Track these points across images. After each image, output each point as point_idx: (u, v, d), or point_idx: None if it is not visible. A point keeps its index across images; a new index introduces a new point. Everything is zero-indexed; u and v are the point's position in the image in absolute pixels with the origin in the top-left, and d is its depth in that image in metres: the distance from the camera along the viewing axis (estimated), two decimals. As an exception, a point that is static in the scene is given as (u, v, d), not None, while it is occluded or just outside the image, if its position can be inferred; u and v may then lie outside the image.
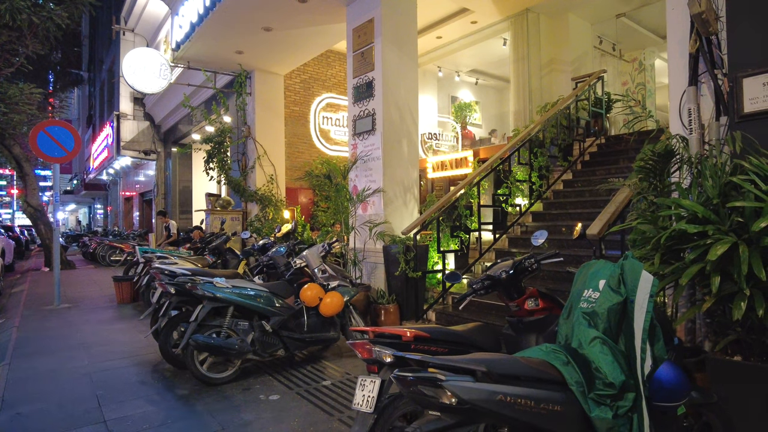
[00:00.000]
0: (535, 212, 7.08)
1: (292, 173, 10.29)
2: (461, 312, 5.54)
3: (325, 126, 10.96)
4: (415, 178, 6.47)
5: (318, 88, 10.89)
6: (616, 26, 10.32)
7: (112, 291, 8.56)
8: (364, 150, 6.34)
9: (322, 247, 4.73)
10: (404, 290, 5.63)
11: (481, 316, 5.27)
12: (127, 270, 8.82)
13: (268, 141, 9.54)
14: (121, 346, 5.27)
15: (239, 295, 4.07)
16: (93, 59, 27.06)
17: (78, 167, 29.55)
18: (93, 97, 26.53)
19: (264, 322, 4.13)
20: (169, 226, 10.17)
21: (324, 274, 4.62)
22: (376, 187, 6.12)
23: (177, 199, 15.75)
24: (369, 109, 6.33)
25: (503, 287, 2.98)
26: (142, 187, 19.68)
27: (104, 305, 7.92)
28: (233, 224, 9.45)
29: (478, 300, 5.56)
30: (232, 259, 7.82)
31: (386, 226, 6.00)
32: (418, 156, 6.58)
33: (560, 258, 2.97)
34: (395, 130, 6.25)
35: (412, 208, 6.40)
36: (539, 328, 2.94)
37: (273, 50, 8.63)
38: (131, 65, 8.27)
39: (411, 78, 6.49)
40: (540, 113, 8.02)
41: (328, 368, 4.42)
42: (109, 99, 19.40)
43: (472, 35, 10.21)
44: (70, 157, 8.12)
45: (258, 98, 9.49)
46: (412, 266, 5.53)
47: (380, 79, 6.17)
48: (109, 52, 20.06)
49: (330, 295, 4.42)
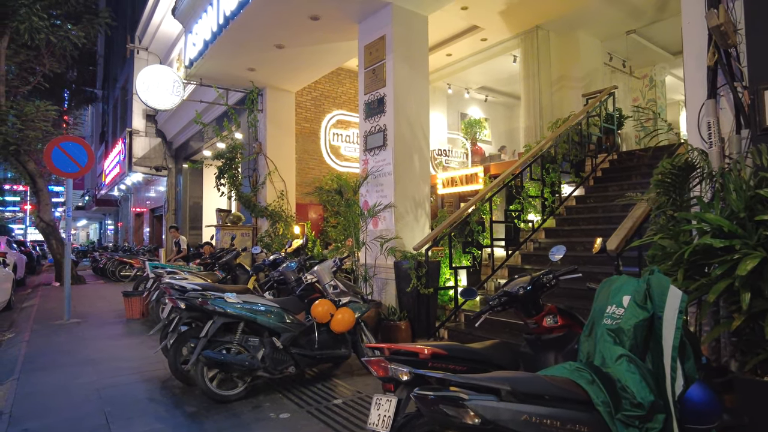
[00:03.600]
0: (547, 228, 7.00)
1: (302, 189, 10.30)
2: (474, 329, 5.44)
3: (335, 142, 11.00)
4: (427, 193, 6.43)
5: (329, 104, 10.96)
6: (626, 43, 10.34)
7: (121, 306, 8.54)
8: (376, 165, 6.33)
9: (333, 262, 4.67)
10: (416, 307, 5.54)
11: (494, 333, 5.17)
12: (137, 285, 8.81)
13: (278, 157, 9.58)
14: (129, 362, 5.22)
15: (250, 310, 4.02)
16: (107, 77, 27.59)
17: (90, 183, 29.94)
18: (106, 114, 26.99)
19: (274, 339, 4.06)
20: (179, 242, 10.18)
21: (335, 290, 4.56)
22: (387, 202, 6.08)
23: (187, 214, 15.82)
24: (380, 124, 6.33)
25: (521, 304, 2.90)
26: (152, 203, 19.84)
27: (113, 320, 7.89)
28: (243, 240, 9.44)
29: (491, 317, 5.45)
30: (242, 275, 7.80)
31: (397, 242, 5.94)
32: (429, 171, 6.55)
33: (579, 274, 2.90)
34: (406, 146, 6.23)
35: (423, 223, 6.34)
36: (558, 345, 2.86)
37: (284, 67, 8.72)
38: (145, 82, 8.39)
39: (422, 94, 6.50)
40: (551, 129, 8.00)
41: (339, 386, 4.33)
42: (122, 116, 19.70)
43: (482, 52, 10.26)
44: (83, 172, 8.20)
45: (269, 115, 9.57)
46: (424, 282, 5.45)
47: (391, 96, 6.18)
48: (123, 70, 20.45)
49: (341, 311, 4.35)
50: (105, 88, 28.39)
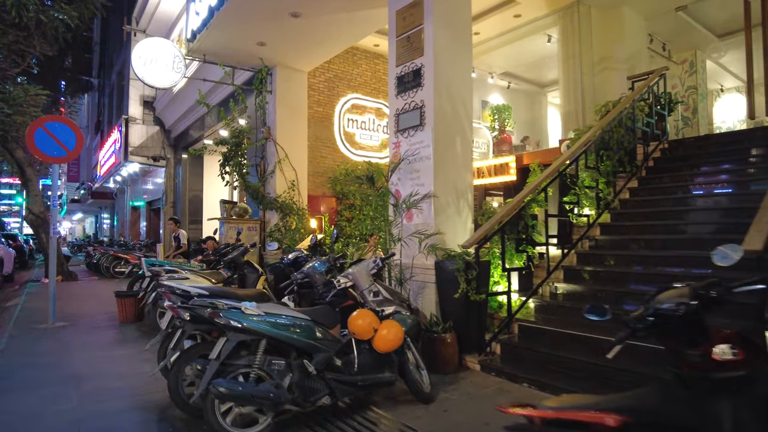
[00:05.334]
0: (602, 224, 6.12)
1: (313, 180, 9.39)
2: (535, 345, 4.56)
3: (350, 129, 10.08)
4: (470, 182, 5.53)
5: (343, 87, 10.04)
6: (670, 22, 9.44)
7: (113, 307, 7.63)
8: (410, 149, 5.42)
9: (374, 262, 3.77)
10: (463, 316, 4.65)
11: (561, 348, 4.28)
12: (132, 284, 7.90)
13: (289, 143, 8.66)
14: (120, 381, 4.32)
15: (274, 325, 3.12)
16: (103, 65, 26.54)
17: (85, 175, 28.90)
18: (102, 103, 25.97)
19: (305, 361, 3.16)
20: (178, 236, 9.27)
21: (376, 297, 3.67)
22: (425, 191, 5.17)
23: (186, 208, 14.88)
24: (416, 101, 5.42)
25: (679, 327, 2.01)
26: (149, 195, 18.89)
27: (105, 324, 6.99)
28: (250, 234, 8.53)
29: (555, 328, 4.58)
30: (251, 274, 6.89)
31: (438, 238, 5.04)
32: (472, 156, 5.65)
33: (764, 285, 2.00)
34: (448, 125, 5.33)
35: (466, 217, 5.44)
36: (738, 389, 1.97)
37: (298, 42, 7.79)
38: (142, 56, 7.45)
39: (465, 65, 5.60)
40: (598, 113, 7.13)
41: (381, 420, 3.43)
42: (118, 104, 18.73)
43: (514, 31, 9.35)
44: (71, 156, 7.27)
45: (279, 97, 8.64)
46: (474, 287, 4.56)
47: (431, 66, 5.27)
48: (119, 55, 19.46)
49: (387, 325, 3.45)
50: (101, 76, 27.34)
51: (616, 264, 5.39)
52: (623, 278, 5.05)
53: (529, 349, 4.57)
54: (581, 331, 4.43)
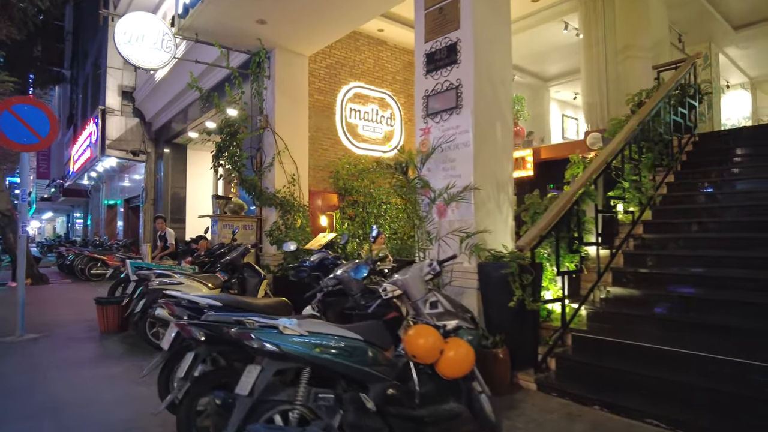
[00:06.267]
0: (644, 221, 5.57)
1: (314, 174, 8.63)
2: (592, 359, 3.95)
3: (352, 120, 9.35)
4: (510, 173, 4.88)
5: (345, 75, 9.30)
6: (691, 10, 9.02)
7: (91, 314, 6.77)
8: (443, 135, 4.74)
9: (429, 266, 3.08)
10: (515, 327, 4.00)
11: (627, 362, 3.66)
12: (113, 289, 7.04)
13: (289, 134, 7.88)
14: (108, 411, 3.53)
15: (321, 348, 2.40)
16: (76, 56, 25.11)
17: (56, 172, 27.32)
18: (75, 96, 24.55)
19: (362, 395, 2.45)
20: (165, 235, 8.40)
21: (434, 309, 2.98)
22: (463, 183, 4.51)
23: (169, 205, 13.89)
24: (451, 80, 4.75)
25: None
26: (127, 192, 17.75)
27: (83, 335, 6.13)
28: (246, 233, 7.74)
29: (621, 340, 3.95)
30: (251, 278, 6.16)
31: (479, 237, 4.39)
32: (512, 145, 5.01)
33: None
34: (488, 108, 4.67)
35: (507, 213, 4.80)
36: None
37: (302, 21, 7.04)
38: (126, 32, 6.58)
39: (505, 41, 4.96)
40: (629, 102, 6.61)
41: (448, 461, 2.76)
42: (94, 95, 17.54)
43: (529, 17, 8.78)
44: (43, 144, 6.37)
45: (279, 82, 7.86)
46: (530, 294, 3.92)
47: (470, 40, 4.60)
48: (94, 43, 18.26)
49: (454, 345, 2.77)
50: (74, 67, 25.88)
51: (667, 265, 4.84)
52: (680, 281, 4.50)
53: (589, 364, 3.96)
54: (647, 342, 3.85)
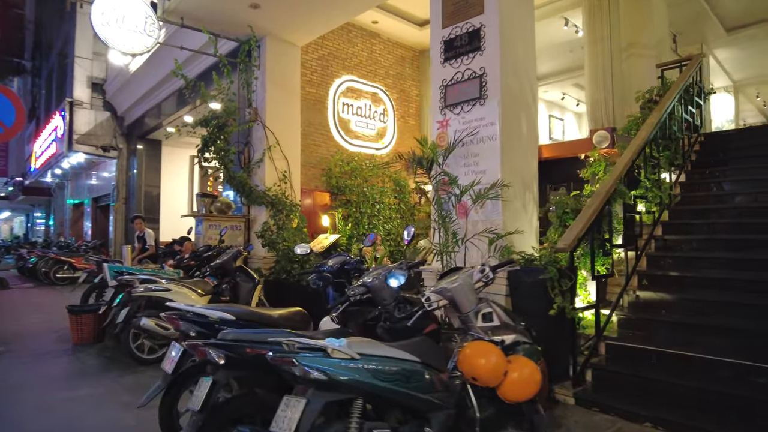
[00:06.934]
0: (662, 222, 5.35)
1: (305, 171, 8.15)
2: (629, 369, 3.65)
3: (345, 115, 8.90)
4: (535, 170, 4.55)
5: (338, 68, 8.85)
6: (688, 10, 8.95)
7: (61, 323, 6.14)
8: (465, 127, 4.37)
9: (480, 272, 2.68)
10: (552, 337, 3.64)
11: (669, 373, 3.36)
12: (87, 295, 6.40)
13: (280, 128, 7.38)
14: (94, 444, 3.01)
15: (378, 374, 1.97)
16: (39, 46, 23.72)
17: (14, 169, 25.72)
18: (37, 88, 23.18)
19: (427, 429, 2.03)
20: (144, 236, 7.77)
21: (488, 322, 2.59)
22: (488, 180, 4.14)
23: (142, 204, 13.09)
24: (474, 69, 4.38)
25: None
26: (96, 191, 16.75)
27: (54, 348, 5.49)
28: (233, 234, 7.19)
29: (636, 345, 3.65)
30: (245, 283, 5.68)
31: (507, 239, 4.03)
32: (538, 140, 4.68)
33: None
34: (514, 99, 4.33)
35: (532, 213, 4.46)
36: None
37: (299, 6, 6.57)
38: (104, 12, 5.96)
39: (529, 31, 4.66)
40: (639, 99, 6.43)
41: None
42: (59, 86, 16.48)
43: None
44: (8, 135, 5.71)
45: (270, 73, 7.34)
46: (569, 301, 3.59)
47: (495, 26, 4.25)
48: (59, 32, 17.18)
49: (518, 364, 2.37)
50: (36, 58, 24.46)
51: (693, 267, 4.61)
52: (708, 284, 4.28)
53: (626, 374, 3.67)
54: (687, 350, 3.58)
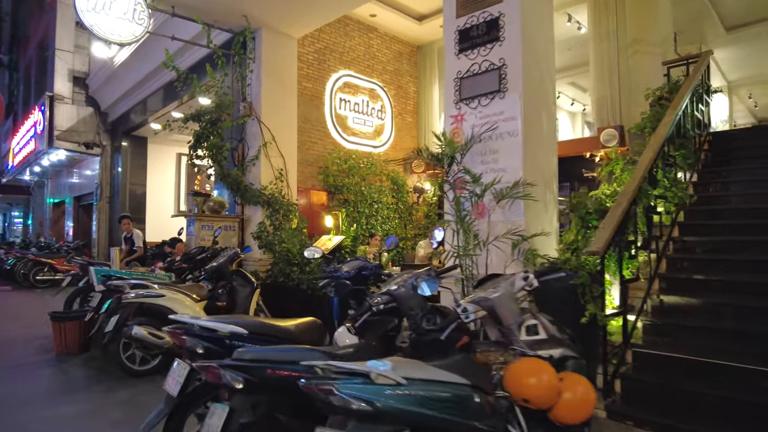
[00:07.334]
0: (679, 223, 5.17)
1: (302, 169, 7.83)
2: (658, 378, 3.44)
3: (342, 111, 8.60)
4: (555, 168, 4.32)
5: (335, 62, 8.54)
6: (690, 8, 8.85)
7: (42, 330, 5.75)
8: (483, 122, 4.11)
9: (523, 279, 2.42)
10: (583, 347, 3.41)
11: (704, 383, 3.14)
12: (71, 300, 6.00)
13: (276, 124, 7.05)
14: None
15: (427, 402, 1.69)
16: (15, 40, 22.89)
17: (-9, 166, 24.83)
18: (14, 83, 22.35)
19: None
20: (132, 236, 7.38)
21: (532, 335, 2.34)
22: (508, 178, 3.89)
23: (127, 203, 12.62)
24: (492, 59, 4.12)
25: None
26: (77, 189, 16.16)
27: (35, 359, 5.10)
28: (227, 235, 6.85)
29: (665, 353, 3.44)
30: (242, 288, 5.36)
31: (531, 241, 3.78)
32: (557, 137, 4.45)
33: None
34: (535, 93, 4.08)
35: (552, 213, 4.23)
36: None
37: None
38: (90, -2, 5.59)
39: (549, 22, 4.40)
40: (649, 97, 6.26)
41: None
42: (39, 81, 15.85)
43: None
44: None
45: (265, 66, 7.01)
46: (600, 307, 3.35)
47: (516, 14, 4.00)
48: (38, 24, 16.52)
49: (571, 383, 2.12)
50: (12, 52, 23.60)
51: (715, 270, 4.41)
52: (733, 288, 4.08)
53: (656, 384, 3.44)
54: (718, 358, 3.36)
